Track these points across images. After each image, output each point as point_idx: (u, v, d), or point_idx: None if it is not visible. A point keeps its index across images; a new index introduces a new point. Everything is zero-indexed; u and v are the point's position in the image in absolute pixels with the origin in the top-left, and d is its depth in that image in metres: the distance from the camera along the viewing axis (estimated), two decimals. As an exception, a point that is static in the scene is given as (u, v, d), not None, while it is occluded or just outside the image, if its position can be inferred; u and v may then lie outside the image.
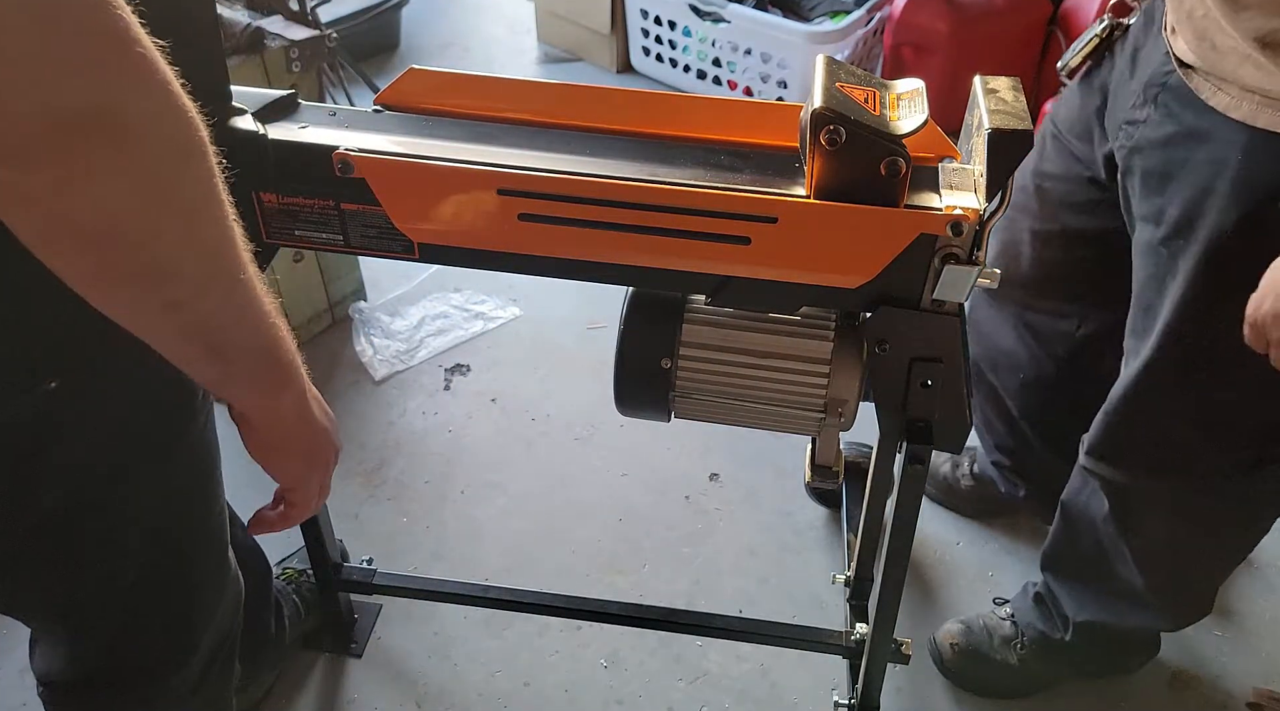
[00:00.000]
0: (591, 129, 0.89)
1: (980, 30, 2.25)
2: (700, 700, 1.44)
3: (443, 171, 0.82)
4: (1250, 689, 1.46)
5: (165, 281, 0.55)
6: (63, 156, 0.47)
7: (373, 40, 2.79)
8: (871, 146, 0.76)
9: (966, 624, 1.47)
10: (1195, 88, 0.97)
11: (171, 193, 0.53)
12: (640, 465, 1.76)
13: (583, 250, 0.85)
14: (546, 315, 2.06)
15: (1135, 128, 1.05)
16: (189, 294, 0.56)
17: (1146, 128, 1.03)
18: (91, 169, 0.48)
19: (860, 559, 1.38)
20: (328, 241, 0.90)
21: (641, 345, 0.93)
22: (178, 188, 0.53)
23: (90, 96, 0.46)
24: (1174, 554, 1.23)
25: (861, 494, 1.28)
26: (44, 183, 0.47)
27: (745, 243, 0.81)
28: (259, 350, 0.64)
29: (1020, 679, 1.44)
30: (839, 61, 0.82)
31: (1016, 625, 1.44)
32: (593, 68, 2.88)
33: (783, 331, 0.91)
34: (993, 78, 0.82)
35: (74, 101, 0.46)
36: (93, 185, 0.48)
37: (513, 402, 1.88)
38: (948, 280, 0.81)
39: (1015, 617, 1.44)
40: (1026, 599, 1.43)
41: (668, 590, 1.58)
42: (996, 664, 1.43)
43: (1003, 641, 1.44)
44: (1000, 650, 1.43)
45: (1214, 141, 0.95)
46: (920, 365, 0.87)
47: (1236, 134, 0.93)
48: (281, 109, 0.90)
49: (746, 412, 0.96)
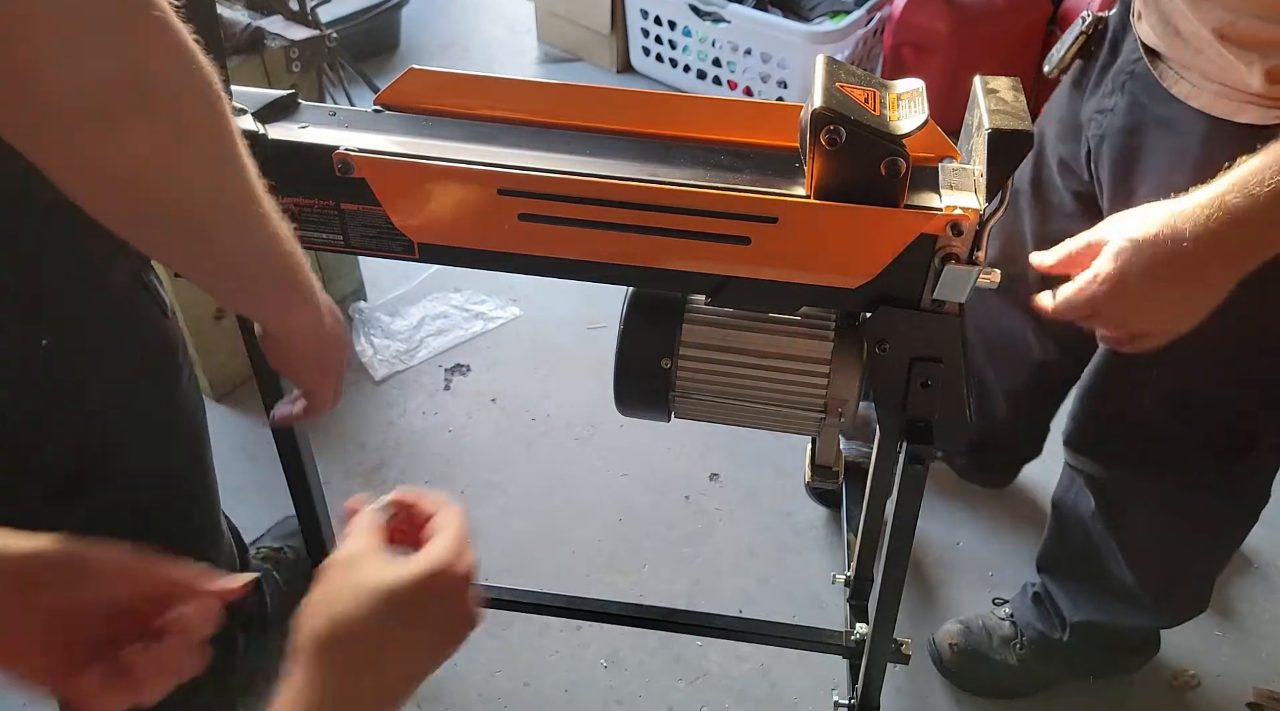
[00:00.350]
0: (591, 129, 0.89)
1: (980, 30, 2.25)
2: (700, 700, 1.45)
3: (443, 171, 0.82)
4: (1250, 689, 1.46)
5: (197, 222, 0.60)
6: (99, 120, 0.51)
7: (373, 40, 2.79)
8: (871, 146, 0.76)
9: (966, 624, 1.47)
10: (1159, 75, 0.97)
11: (197, 142, 0.57)
12: (640, 465, 1.76)
13: (583, 250, 0.85)
14: (546, 315, 2.06)
15: (1104, 116, 1.06)
16: (218, 230, 0.62)
17: (1114, 116, 1.04)
18: (125, 128, 0.52)
19: (860, 559, 1.38)
20: (328, 241, 0.90)
21: (641, 345, 0.93)
22: (201, 137, 0.57)
23: (121, 66, 0.50)
24: (1163, 549, 1.24)
25: (861, 494, 1.28)
26: (84, 142, 0.52)
27: (745, 243, 0.81)
28: (277, 274, 0.70)
29: (1020, 679, 1.44)
30: (839, 61, 0.82)
31: (1015, 625, 1.44)
32: (593, 68, 2.88)
33: (783, 331, 0.91)
34: (993, 78, 0.82)
35: (106, 71, 0.50)
36: (127, 143, 0.53)
37: (513, 402, 1.88)
38: (948, 280, 0.81)
39: (1014, 618, 1.45)
40: (1025, 599, 1.43)
41: (668, 590, 1.58)
42: (996, 664, 1.43)
43: (1002, 641, 1.44)
44: (1000, 650, 1.44)
45: (1176, 130, 0.96)
46: (920, 365, 0.87)
47: (1197, 122, 0.93)
48: (281, 109, 0.90)
49: (746, 412, 0.96)
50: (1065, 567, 1.35)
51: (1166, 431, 1.11)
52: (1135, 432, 1.14)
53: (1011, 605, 1.47)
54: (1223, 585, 1.59)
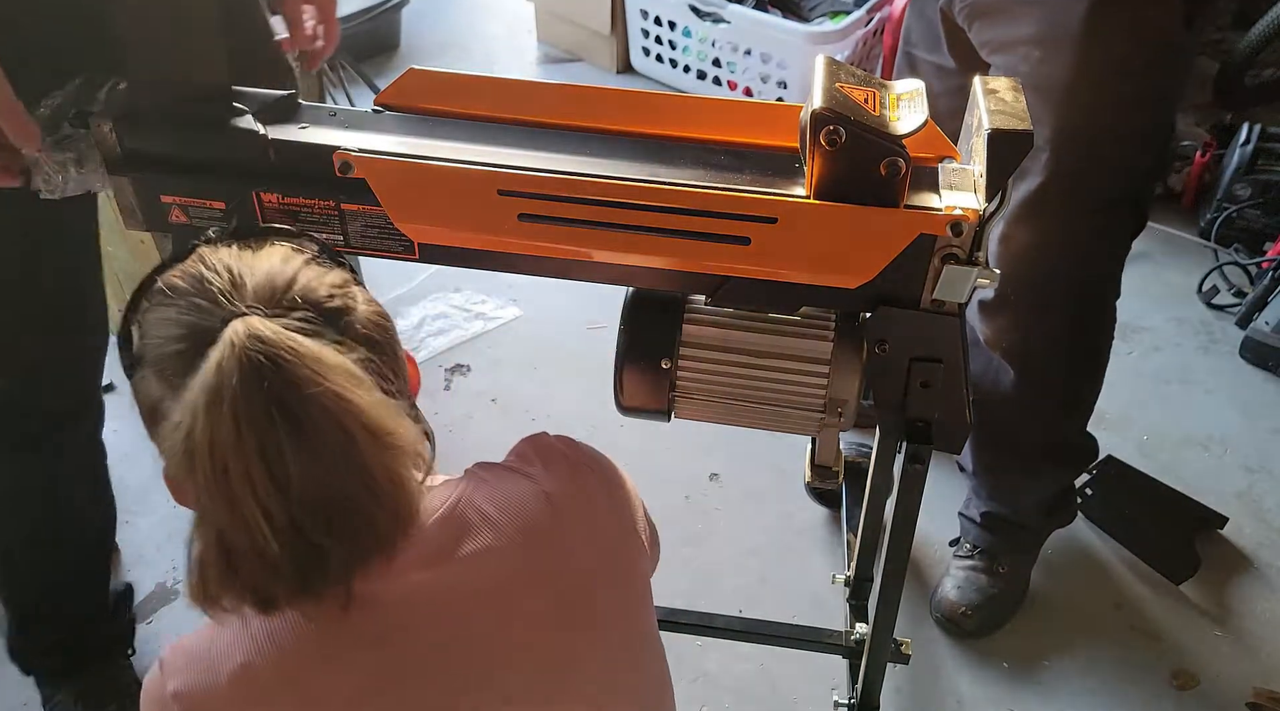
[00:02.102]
0: (591, 129, 0.89)
1: (980, 30, 2.25)
2: (700, 700, 1.45)
3: (443, 171, 0.82)
4: (1250, 689, 1.46)
5: None
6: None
7: (373, 40, 2.79)
8: (871, 147, 0.76)
9: (959, 588, 1.53)
10: None
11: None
12: (640, 465, 1.75)
13: (583, 250, 0.85)
14: (546, 315, 2.06)
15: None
16: None
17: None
18: None
19: (860, 559, 1.38)
20: (328, 241, 0.90)
21: (641, 345, 0.93)
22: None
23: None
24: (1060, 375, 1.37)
25: (861, 494, 1.28)
26: None
27: (745, 243, 0.81)
28: None
29: (1019, 593, 1.54)
30: (839, 61, 0.82)
31: (986, 552, 1.53)
32: (593, 68, 2.88)
33: (783, 331, 0.91)
34: (992, 78, 0.82)
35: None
36: None
37: (513, 402, 1.88)
38: (947, 280, 0.81)
39: (980, 548, 1.53)
40: (976, 527, 1.53)
41: (668, 590, 1.58)
42: (1001, 597, 1.52)
43: (990, 578, 1.52)
44: (995, 584, 1.52)
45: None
46: (920, 365, 0.87)
47: None
48: (282, 109, 0.90)
49: (746, 412, 0.96)
50: (987, 456, 1.48)
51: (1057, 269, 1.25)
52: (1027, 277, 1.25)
53: (964, 538, 1.56)
54: (1223, 585, 1.59)
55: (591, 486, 0.79)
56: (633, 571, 0.81)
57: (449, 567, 0.70)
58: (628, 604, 0.79)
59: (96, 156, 0.88)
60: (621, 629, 0.78)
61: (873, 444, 1.27)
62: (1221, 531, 1.66)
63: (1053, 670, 1.49)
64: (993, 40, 1.20)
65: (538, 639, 0.72)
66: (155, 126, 0.87)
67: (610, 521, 0.80)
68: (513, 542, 0.72)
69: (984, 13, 1.20)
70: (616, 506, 0.81)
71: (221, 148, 0.87)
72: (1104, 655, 1.50)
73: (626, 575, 0.80)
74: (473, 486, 0.74)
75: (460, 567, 0.70)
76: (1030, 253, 1.24)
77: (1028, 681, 1.48)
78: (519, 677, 0.71)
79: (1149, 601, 1.51)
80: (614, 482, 0.82)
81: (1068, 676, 1.48)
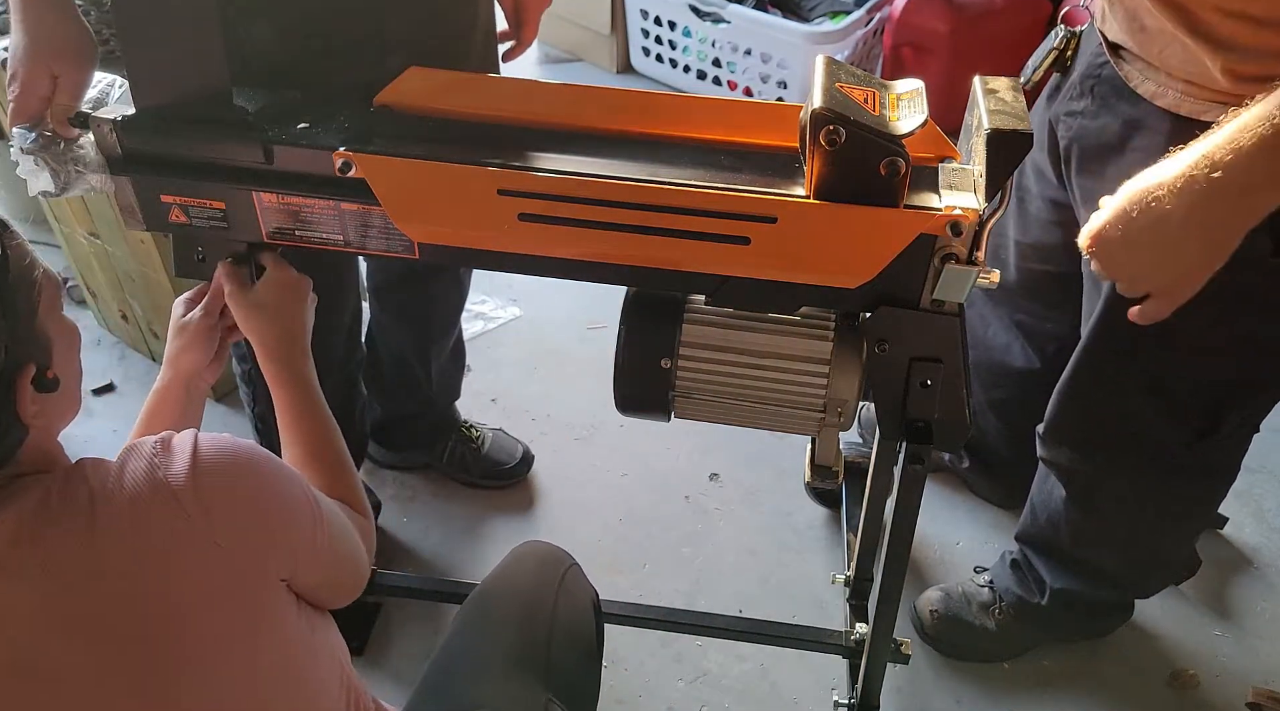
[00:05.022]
0: (591, 129, 0.89)
1: (980, 30, 2.25)
2: (700, 700, 1.45)
3: (443, 171, 0.82)
4: (1250, 689, 1.46)
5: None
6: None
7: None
8: (871, 146, 0.76)
9: (945, 592, 1.51)
10: (1126, 76, 0.99)
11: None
12: (640, 465, 1.76)
13: (583, 250, 0.85)
14: (546, 315, 2.06)
15: (1074, 119, 1.07)
16: None
17: (1084, 118, 1.06)
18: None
19: (860, 559, 1.38)
20: (328, 241, 0.90)
21: (641, 345, 0.93)
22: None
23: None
24: (1133, 531, 1.28)
25: (861, 494, 1.28)
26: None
27: (745, 243, 0.81)
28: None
29: (998, 643, 1.48)
30: (839, 62, 0.82)
31: (994, 590, 1.48)
32: (593, 68, 2.88)
33: (783, 331, 0.91)
34: (992, 78, 0.82)
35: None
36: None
37: (513, 402, 1.88)
38: (947, 280, 0.81)
39: (993, 584, 1.48)
40: (1004, 566, 1.47)
41: (668, 590, 1.58)
42: (975, 628, 1.47)
43: (981, 607, 1.48)
44: (979, 615, 1.47)
45: (1145, 130, 0.98)
46: (920, 365, 0.87)
47: (1163, 122, 0.95)
48: (282, 108, 0.90)
49: (746, 412, 0.96)
50: (1044, 547, 1.40)
51: (1142, 417, 1.15)
52: (1112, 420, 1.18)
53: (991, 572, 1.50)
54: (1223, 585, 1.59)
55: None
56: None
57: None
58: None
59: (97, 156, 0.89)
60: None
61: (873, 444, 1.27)
62: (1221, 531, 1.66)
63: (1053, 670, 1.49)
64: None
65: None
66: (155, 126, 0.88)
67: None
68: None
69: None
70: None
71: (222, 148, 0.87)
72: (1104, 654, 1.50)
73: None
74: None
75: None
76: None
77: (1028, 681, 1.48)
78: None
79: (1149, 601, 1.51)
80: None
81: (1068, 676, 1.48)
